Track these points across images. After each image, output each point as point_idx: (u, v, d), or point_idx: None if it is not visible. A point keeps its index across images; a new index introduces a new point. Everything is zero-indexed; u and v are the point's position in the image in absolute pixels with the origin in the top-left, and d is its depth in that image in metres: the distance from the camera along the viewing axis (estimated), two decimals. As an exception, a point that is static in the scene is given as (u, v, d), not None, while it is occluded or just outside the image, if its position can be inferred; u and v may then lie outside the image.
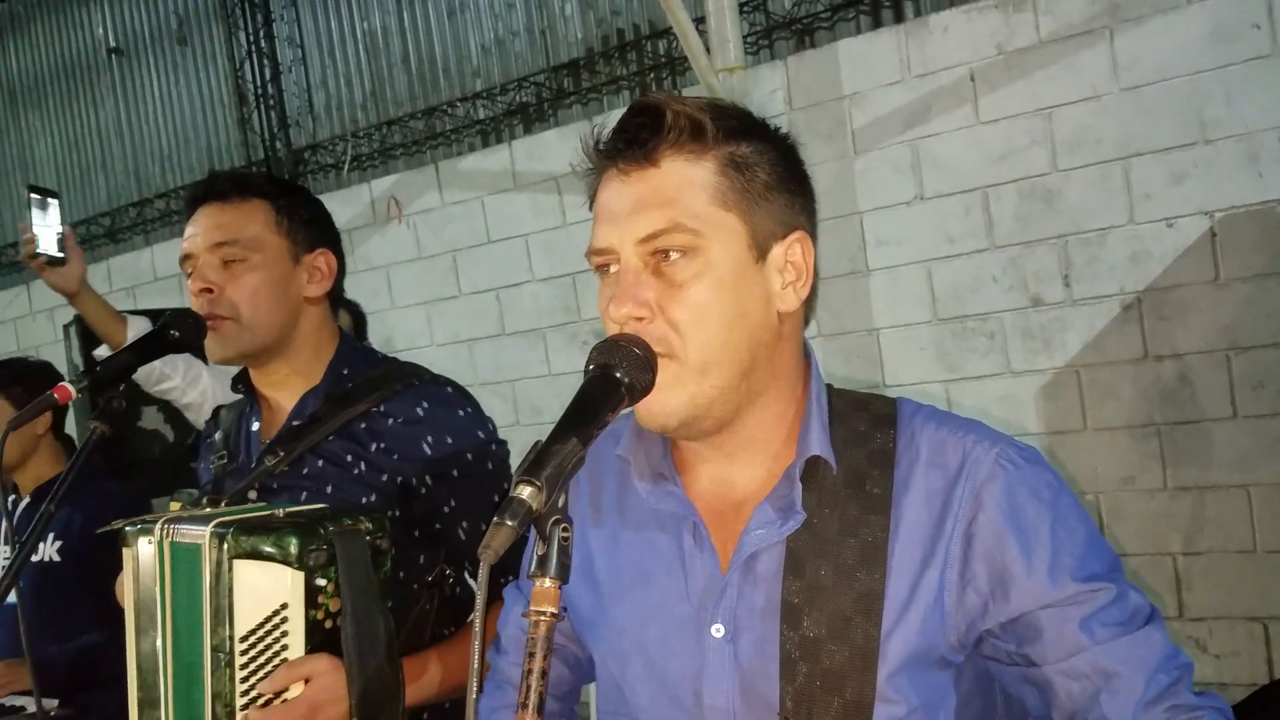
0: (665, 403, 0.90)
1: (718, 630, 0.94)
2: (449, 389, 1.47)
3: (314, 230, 1.50)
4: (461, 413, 1.44)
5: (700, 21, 3.27)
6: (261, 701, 1.18)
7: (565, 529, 0.77)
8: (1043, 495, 0.91)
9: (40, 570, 2.22)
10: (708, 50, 3.18)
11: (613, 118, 0.96)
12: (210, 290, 1.42)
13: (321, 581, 1.19)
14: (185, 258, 1.46)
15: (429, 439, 1.40)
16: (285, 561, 1.17)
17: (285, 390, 1.50)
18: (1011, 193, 3.28)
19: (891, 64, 3.45)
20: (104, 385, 1.34)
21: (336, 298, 1.56)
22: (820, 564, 0.91)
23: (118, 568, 1.28)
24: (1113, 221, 3.14)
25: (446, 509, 1.40)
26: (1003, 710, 0.99)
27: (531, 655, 0.74)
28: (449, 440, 1.41)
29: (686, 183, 0.91)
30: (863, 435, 0.95)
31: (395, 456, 1.39)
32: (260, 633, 1.19)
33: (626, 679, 1.00)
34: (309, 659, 1.18)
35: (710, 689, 0.94)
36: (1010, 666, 0.92)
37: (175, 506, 1.47)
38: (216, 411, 1.63)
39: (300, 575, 1.17)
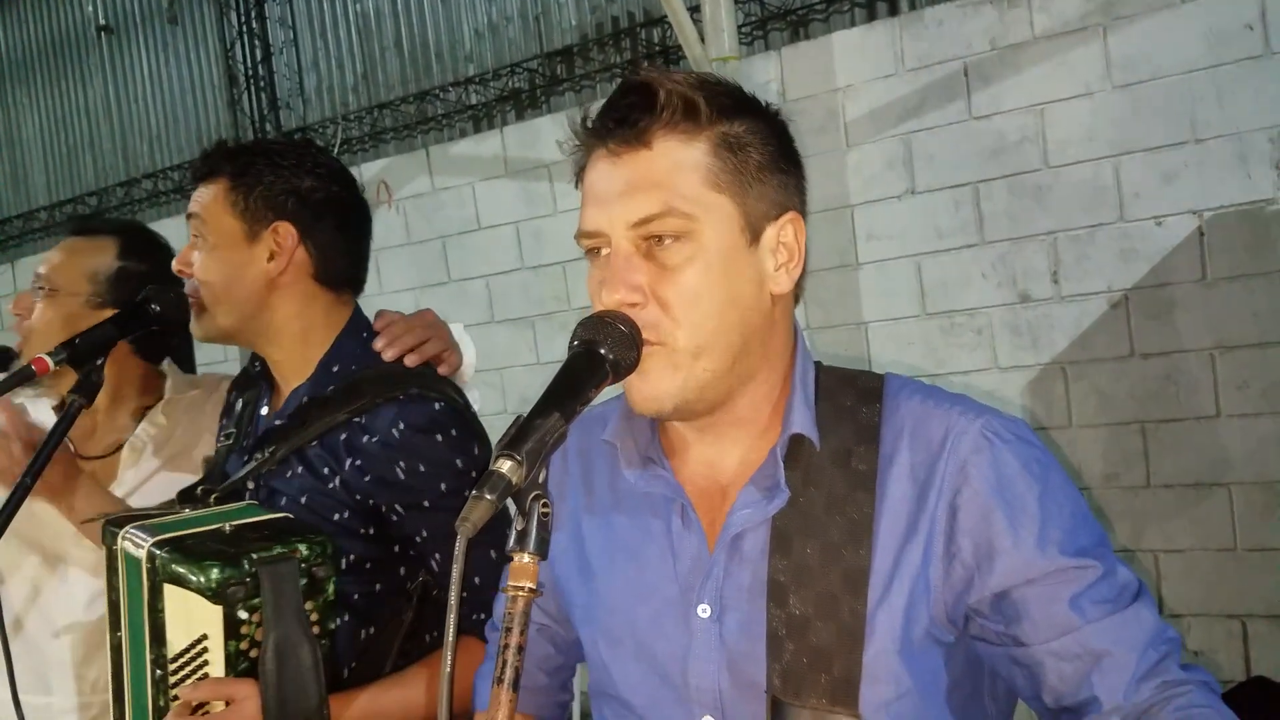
0: (658, 388, 0.89)
1: (704, 610, 0.93)
2: (437, 405, 1.35)
3: (274, 205, 1.38)
4: (440, 437, 1.33)
5: (695, 10, 3.26)
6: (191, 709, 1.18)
7: (545, 504, 0.76)
8: (1031, 469, 0.90)
9: None
10: (702, 39, 3.17)
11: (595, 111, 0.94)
12: (183, 272, 1.40)
13: (244, 614, 1.17)
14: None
15: (402, 464, 1.31)
16: (202, 593, 1.15)
17: (282, 376, 1.45)
18: (1002, 188, 3.29)
19: (885, 57, 3.44)
20: (82, 359, 1.33)
21: (331, 279, 1.42)
22: (807, 543, 0.90)
23: None
24: (1102, 219, 3.15)
25: (419, 539, 1.35)
26: (989, 693, 0.98)
27: (509, 631, 0.74)
28: (422, 469, 1.31)
29: (679, 165, 0.89)
30: (849, 410, 0.94)
31: (368, 479, 1.32)
32: (186, 657, 1.19)
33: (616, 659, 1.00)
34: (233, 681, 1.17)
35: (696, 669, 0.93)
36: (998, 647, 0.91)
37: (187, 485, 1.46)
38: (246, 380, 1.55)
39: (219, 609, 1.15)
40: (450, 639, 0.69)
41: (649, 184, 0.89)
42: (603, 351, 0.86)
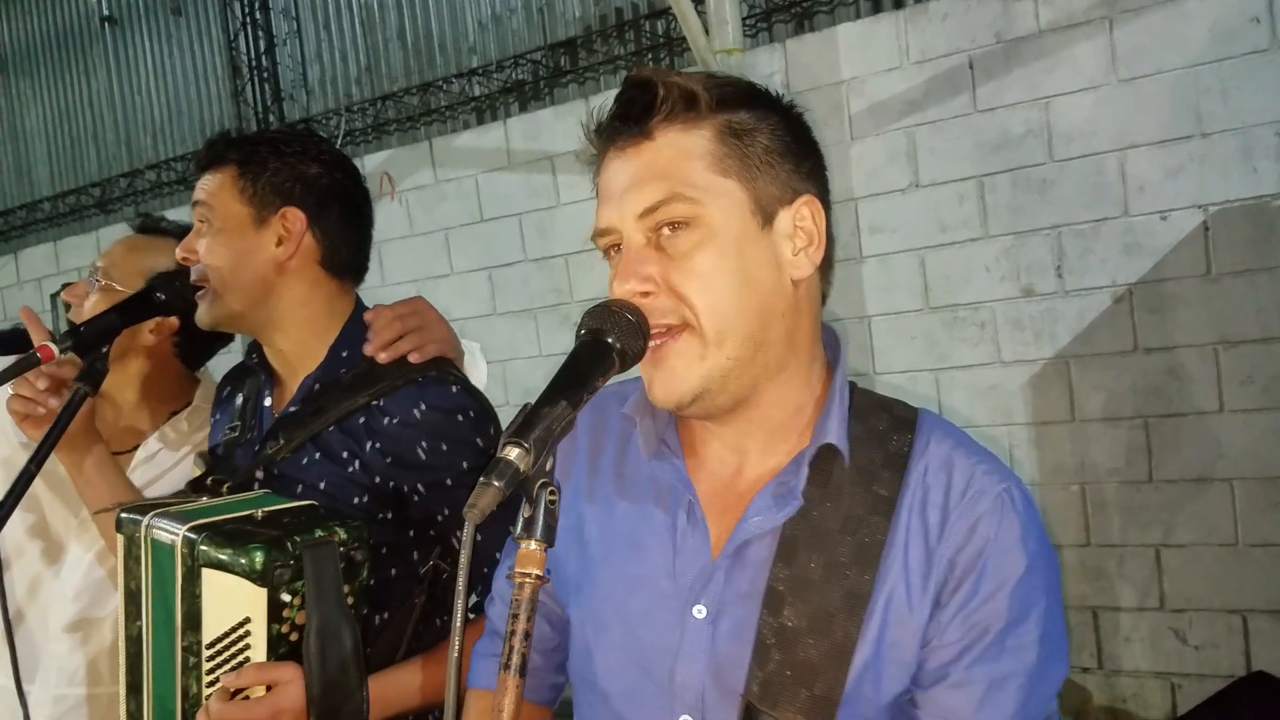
0: (680, 380, 0.89)
1: (699, 611, 0.93)
2: (454, 388, 1.37)
3: (282, 191, 1.39)
4: (461, 417, 1.35)
5: (699, 2, 3.25)
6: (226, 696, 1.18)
7: (553, 492, 0.77)
8: (1026, 545, 0.90)
9: None
10: (706, 31, 3.16)
11: (608, 98, 0.95)
12: (188, 259, 1.39)
13: (287, 596, 1.17)
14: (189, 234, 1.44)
15: (423, 444, 1.32)
16: (248, 576, 1.15)
17: (287, 366, 1.44)
18: (1006, 182, 3.28)
19: (890, 50, 3.44)
20: (88, 346, 1.32)
21: (337, 266, 1.42)
22: (813, 556, 0.90)
23: None
24: (1106, 213, 3.14)
25: (440, 517, 1.35)
26: None
27: (515, 617, 0.74)
28: (444, 447, 1.33)
29: (682, 153, 0.89)
30: (880, 435, 0.94)
31: (389, 460, 1.33)
32: (225, 641, 1.19)
33: (601, 645, 1.00)
34: (276, 665, 1.17)
35: (683, 668, 0.93)
36: (907, 704, 0.92)
37: (194, 470, 1.46)
38: (242, 373, 1.55)
39: (263, 592, 1.15)
40: (458, 624, 0.69)
41: (654, 173, 0.89)
42: (610, 340, 0.86)
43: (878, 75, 3.46)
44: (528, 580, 0.74)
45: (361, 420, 1.34)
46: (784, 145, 0.93)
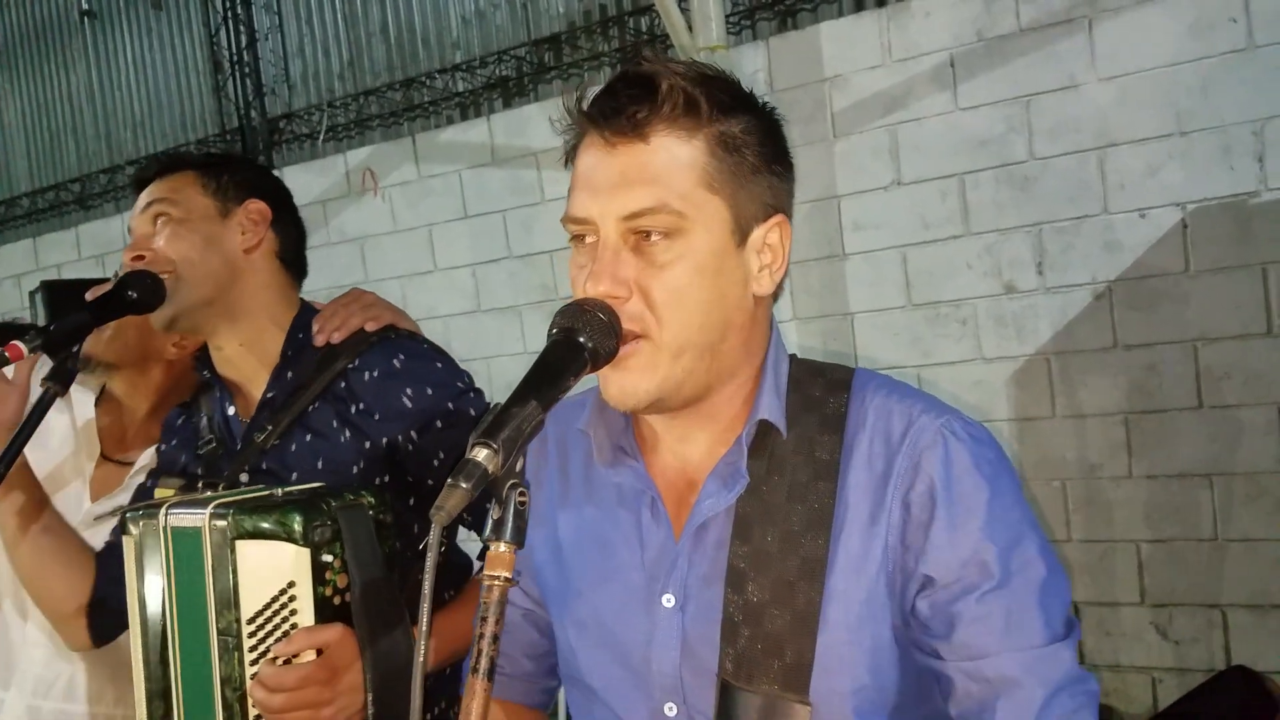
0: (636, 385, 0.89)
1: (668, 600, 0.95)
2: (425, 345, 1.45)
3: (244, 187, 1.46)
4: (439, 364, 1.42)
5: (682, -1, 3.24)
6: (279, 663, 1.16)
7: (522, 493, 0.76)
8: (981, 469, 0.89)
9: None
10: (690, 28, 3.16)
11: (592, 94, 0.93)
12: (142, 257, 1.39)
13: (328, 558, 1.17)
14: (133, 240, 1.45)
15: (407, 391, 1.37)
16: (290, 539, 1.14)
17: (242, 370, 1.45)
18: (988, 179, 3.29)
19: (873, 47, 3.44)
20: (58, 345, 1.31)
21: (292, 262, 1.49)
22: (767, 530, 0.91)
23: None
24: (1087, 211, 3.16)
25: (436, 462, 1.38)
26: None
27: (484, 620, 0.74)
28: (428, 391, 1.38)
29: (675, 162, 0.88)
30: (817, 400, 0.95)
31: (376, 417, 1.35)
32: (268, 613, 1.17)
33: (582, 644, 1.01)
34: (325, 627, 1.16)
35: (658, 656, 0.95)
36: (924, 655, 0.91)
37: (169, 494, 1.43)
38: (192, 400, 1.56)
39: (306, 552, 1.15)
40: (424, 627, 0.69)
41: (644, 178, 0.88)
42: (582, 340, 0.86)
43: (860, 73, 3.46)
44: (496, 583, 0.73)
45: (343, 384, 1.38)
46: (765, 161, 0.92)
